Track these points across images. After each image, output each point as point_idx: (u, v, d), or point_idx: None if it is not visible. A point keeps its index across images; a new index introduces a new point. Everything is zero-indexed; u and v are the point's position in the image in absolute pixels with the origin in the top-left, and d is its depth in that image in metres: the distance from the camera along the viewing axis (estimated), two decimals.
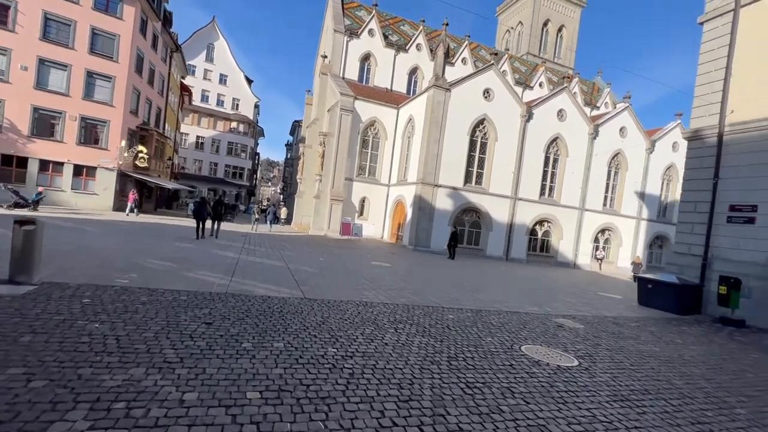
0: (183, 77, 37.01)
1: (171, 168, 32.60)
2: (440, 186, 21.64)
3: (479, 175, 23.06)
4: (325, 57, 29.70)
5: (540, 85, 36.57)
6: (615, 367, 4.88)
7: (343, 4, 31.32)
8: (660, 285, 10.30)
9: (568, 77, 27.21)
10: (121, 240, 11.08)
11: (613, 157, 26.56)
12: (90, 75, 21.16)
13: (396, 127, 26.20)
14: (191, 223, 15.35)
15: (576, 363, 4.82)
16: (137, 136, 24.31)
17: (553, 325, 6.90)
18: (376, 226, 26.20)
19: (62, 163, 21.00)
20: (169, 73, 29.55)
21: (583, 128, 25.27)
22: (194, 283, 6.48)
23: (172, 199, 36.76)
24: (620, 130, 26.53)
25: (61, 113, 20.63)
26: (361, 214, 25.99)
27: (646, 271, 22.79)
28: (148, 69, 24.80)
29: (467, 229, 23.14)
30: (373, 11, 30.73)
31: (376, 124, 26.03)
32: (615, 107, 36.32)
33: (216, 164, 47.24)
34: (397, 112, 26.13)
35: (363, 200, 26.00)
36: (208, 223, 15.27)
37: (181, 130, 42.52)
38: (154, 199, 29.35)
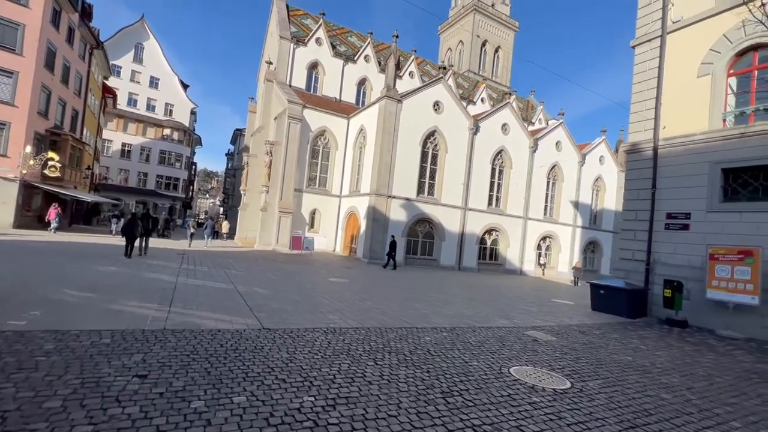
0: (106, 78, 33.19)
1: (90, 178, 28.77)
2: (394, 197, 21.39)
3: (431, 186, 23.23)
4: (270, 63, 28.41)
5: (482, 100, 38.40)
6: (605, 385, 4.67)
7: (288, 11, 30.38)
8: (611, 291, 10.76)
9: (509, 93, 28.80)
10: (25, 265, 9.10)
11: (551, 169, 28.39)
12: None
13: (347, 137, 25.65)
14: (114, 240, 13.35)
15: (568, 385, 4.53)
16: (47, 141, 20.99)
17: (528, 340, 6.68)
18: (328, 239, 25.20)
19: None
20: (89, 72, 26.23)
21: (524, 142, 26.74)
22: (121, 319, 5.25)
23: (92, 213, 32.45)
24: (556, 144, 28.51)
25: None
26: (312, 226, 24.87)
27: (584, 275, 24.37)
28: (61, 65, 21.70)
29: (421, 240, 23.10)
30: (321, 20, 30.18)
31: (326, 133, 25.26)
32: (548, 123, 39.30)
33: (146, 174, 42.84)
34: (348, 122, 25.63)
35: (314, 212, 24.93)
36: (139, 241, 13.42)
37: (104, 137, 38.03)
38: (69, 214, 25.53)
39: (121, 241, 13.89)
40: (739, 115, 9.71)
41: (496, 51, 55.46)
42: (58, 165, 20.66)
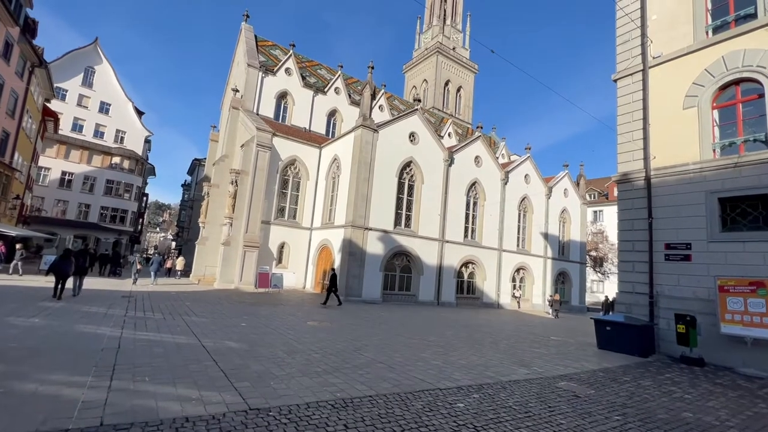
0: (48, 100, 30.14)
1: (20, 209, 25.09)
2: (371, 229, 20.24)
3: (408, 218, 22.41)
4: (237, 91, 27.21)
5: (449, 135, 39.30)
6: None
7: (256, 41, 29.74)
8: (618, 327, 10.09)
9: (478, 127, 29.49)
10: None
11: (521, 201, 28.80)
12: None
13: (319, 167, 24.54)
14: (37, 282, 10.98)
15: None
16: None
17: (568, 396, 5.60)
18: (297, 275, 23.25)
19: None
20: (27, 92, 23.49)
21: (496, 174, 27.04)
22: (32, 411, 3.52)
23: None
24: (525, 177, 29.17)
25: None
26: (280, 261, 22.92)
27: (559, 306, 24.02)
28: None
29: (398, 274, 21.86)
30: (291, 51, 29.72)
31: (296, 163, 24.02)
32: (510, 159, 40.78)
33: (88, 206, 38.59)
34: (320, 152, 24.64)
35: (282, 246, 23.07)
36: (71, 281, 11.16)
37: (41, 164, 34.13)
38: None
39: (48, 282, 11.46)
40: (728, 145, 9.82)
41: (458, 90, 58.18)
42: None
